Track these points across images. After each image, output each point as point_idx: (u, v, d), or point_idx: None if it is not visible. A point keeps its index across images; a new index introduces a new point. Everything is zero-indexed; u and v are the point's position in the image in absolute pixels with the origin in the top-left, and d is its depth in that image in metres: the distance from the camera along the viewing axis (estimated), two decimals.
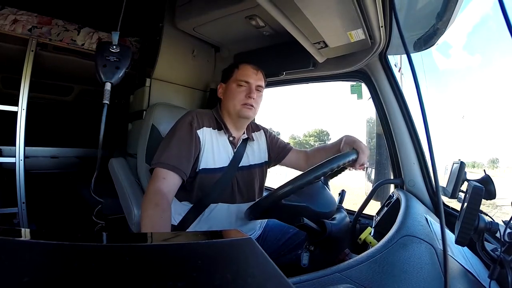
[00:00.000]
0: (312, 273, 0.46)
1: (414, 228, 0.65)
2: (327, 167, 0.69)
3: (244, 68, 0.96)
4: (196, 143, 0.88)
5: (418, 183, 1.05)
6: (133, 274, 0.16)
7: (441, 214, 0.36)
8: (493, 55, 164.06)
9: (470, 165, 45.80)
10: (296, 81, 1.41)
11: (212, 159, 0.90)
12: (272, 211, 0.74)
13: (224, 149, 0.94)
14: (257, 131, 1.09)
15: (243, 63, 0.98)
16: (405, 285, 0.46)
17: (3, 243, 0.17)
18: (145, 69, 1.54)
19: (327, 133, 44.13)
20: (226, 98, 0.96)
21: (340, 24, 0.82)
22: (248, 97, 0.92)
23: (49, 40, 1.46)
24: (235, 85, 0.94)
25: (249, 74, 0.94)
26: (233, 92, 0.94)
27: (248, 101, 0.92)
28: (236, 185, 0.94)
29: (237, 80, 0.94)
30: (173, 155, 0.83)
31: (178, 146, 0.85)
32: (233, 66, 0.99)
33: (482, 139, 62.33)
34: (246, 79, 0.94)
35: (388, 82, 1.08)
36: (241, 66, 0.97)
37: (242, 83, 0.94)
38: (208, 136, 0.91)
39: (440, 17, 0.88)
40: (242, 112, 0.93)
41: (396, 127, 1.08)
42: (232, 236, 0.23)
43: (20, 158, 1.41)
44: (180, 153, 0.84)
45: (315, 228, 0.69)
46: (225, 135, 0.95)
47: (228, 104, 0.95)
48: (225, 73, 1.00)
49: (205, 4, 1.07)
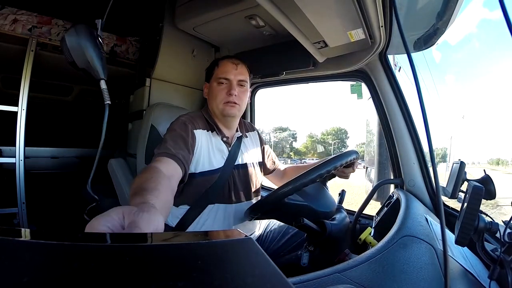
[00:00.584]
0: (312, 273, 0.46)
1: (414, 228, 0.65)
2: (328, 166, 0.69)
3: (223, 65, 0.93)
4: (193, 139, 0.86)
5: (418, 183, 1.05)
6: (133, 274, 0.16)
7: (441, 214, 0.36)
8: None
9: (495, 162, 44.78)
10: (296, 81, 1.41)
11: (208, 162, 0.90)
12: (272, 211, 0.74)
13: (218, 149, 0.93)
14: (251, 131, 1.09)
15: (223, 59, 0.96)
16: (405, 285, 0.46)
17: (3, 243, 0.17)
18: (145, 69, 1.54)
19: (345, 131, 43.51)
20: (210, 98, 0.95)
21: (340, 23, 0.82)
22: (229, 94, 0.90)
23: (49, 40, 1.46)
24: (216, 83, 0.92)
25: (228, 70, 0.92)
26: (214, 91, 0.92)
27: (229, 99, 0.90)
28: (232, 184, 0.94)
29: (217, 78, 0.92)
30: (170, 146, 0.79)
31: (174, 140, 0.82)
32: (213, 63, 0.97)
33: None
34: (225, 76, 0.91)
35: (388, 82, 1.08)
36: (221, 63, 0.94)
37: (222, 80, 0.91)
38: (203, 138, 0.90)
39: (440, 17, 0.88)
40: (226, 111, 0.91)
41: (396, 127, 1.08)
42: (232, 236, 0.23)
43: (20, 158, 1.41)
44: (177, 145, 0.80)
45: (315, 228, 0.69)
46: (219, 136, 0.94)
47: (212, 104, 0.94)
48: (207, 72, 0.98)
49: (205, 4, 1.07)
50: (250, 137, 1.06)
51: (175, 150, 0.78)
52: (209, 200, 0.90)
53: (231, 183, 0.94)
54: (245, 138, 1.02)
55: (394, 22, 0.87)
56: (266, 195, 0.72)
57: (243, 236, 0.22)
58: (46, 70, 1.76)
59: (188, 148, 0.83)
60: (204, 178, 0.88)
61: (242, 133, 1.01)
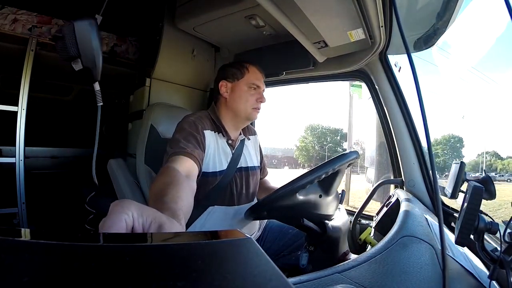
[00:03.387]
0: (312, 273, 0.46)
1: (414, 228, 0.65)
2: (329, 167, 0.69)
3: (254, 71, 0.96)
4: (204, 138, 0.86)
5: (418, 183, 1.05)
6: (133, 274, 0.16)
7: (440, 214, 0.36)
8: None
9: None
10: (296, 81, 1.41)
11: (213, 163, 0.90)
12: (272, 211, 0.74)
13: (223, 152, 0.93)
14: (253, 134, 1.10)
15: (251, 64, 0.97)
16: (405, 285, 0.46)
17: (3, 243, 0.17)
18: (145, 69, 1.53)
19: (460, 138, 35.78)
20: (235, 99, 0.94)
21: (340, 23, 0.82)
22: (260, 101, 0.95)
23: (49, 39, 1.46)
24: (247, 88, 0.94)
25: (259, 77, 0.96)
26: (244, 95, 0.93)
27: (259, 106, 0.95)
28: (234, 187, 0.94)
29: (249, 83, 0.94)
30: (183, 145, 0.78)
31: (186, 139, 0.81)
32: (241, 65, 0.97)
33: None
34: (258, 83, 0.95)
35: (388, 82, 1.08)
36: (251, 69, 0.96)
37: (254, 86, 0.94)
38: (212, 139, 0.90)
39: (440, 17, 0.88)
40: (252, 116, 0.95)
41: (396, 127, 1.08)
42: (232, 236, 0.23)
43: (20, 158, 1.41)
44: (190, 143, 0.80)
45: (315, 228, 0.69)
46: (224, 138, 0.94)
47: (237, 106, 0.94)
48: (230, 71, 0.97)
49: (205, 4, 1.07)
50: (252, 141, 1.07)
51: (189, 149, 0.78)
52: (210, 201, 0.90)
53: (232, 185, 0.94)
54: (247, 141, 1.02)
55: (394, 22, 0.87)
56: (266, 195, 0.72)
57: (243, 236, 0.22)
58: (46, 70, 1.76)
59: (201, 147, 0.83)
60: (206, 179, 0.88)
61: (245, 136, 1.01)
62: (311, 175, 0.67)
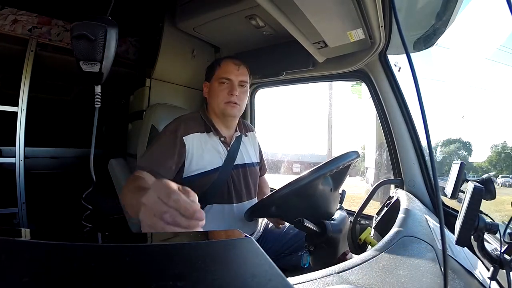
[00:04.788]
0: (312, 273, 0.46)
1: (414, 229, 0.65)
2: (329, 167, 0.69)
3: (225, 65, 0.94)
4: (181, 150, 0.87)
5: (418, 183, 1.05)
6: (133, 274, 0.16)
7: (440, 214, 0.36)
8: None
9: None
10: (296, 81, 1.41)
11: (204, 163, 0.89)
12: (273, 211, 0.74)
13: (215, 150, 0.93)
14: (250, 131, 1.10)
15: (225, 59, 0.97)
16: (405, 285, 0.46)
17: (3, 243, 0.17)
18: (145, 69, 1.54)
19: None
20: (210, 97, 0.96)
21: (340, 24, 0.82)
22: (230, 94, 0.91)
23: (49, 40, 1.46)
24: (217, 83, 0.93)
25: (230, 70, 0.93)
26: (215, 91, 0.93)
27: (231, 99, 0.91)
28: (232, 185, 0.94)
29: (218, 78, 0.93)
30: (153, 159, 0.83)
31: (158, 152, 0.85)
32: (215, 63, 0.97)
33: None
34: (227, 76, 0.92)
35: (388, 82, 1.08)
36: (223, 63, 0.95)
37: (223, 80, 0.92)
38: (196, 141, 0.90)
39: (440, 17, 0.88)
40: (227, 111, 0.92)
41: (396, 127, 1.08)
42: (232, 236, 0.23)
43: (20, 158, 1.41)
44: (159, 158, 0.84)
45: (315, 228, 0.69)
46: (216, 137, 0.94)
47: (212, 103, 0.95)
48: (208, 71, 0.99)
49: (205, 4, 1.07)
50: (249, 137, 1.06)
51: (158, 165, 0.82)
52: (207, 200, 0.90)
53: (230, 183, 0.93)
54: (244, 137, 1.02)
55: (394, 22, 0.87)
56: (267, 195, 0.72)
57: (243, 236, 0.22)
58: (46, 71, 1.76)
59: (173, 162, 0.85)
60: (200, 179, 0.88)
61: (241, 132, 1.01)
62: (311, 176, 0.67)
